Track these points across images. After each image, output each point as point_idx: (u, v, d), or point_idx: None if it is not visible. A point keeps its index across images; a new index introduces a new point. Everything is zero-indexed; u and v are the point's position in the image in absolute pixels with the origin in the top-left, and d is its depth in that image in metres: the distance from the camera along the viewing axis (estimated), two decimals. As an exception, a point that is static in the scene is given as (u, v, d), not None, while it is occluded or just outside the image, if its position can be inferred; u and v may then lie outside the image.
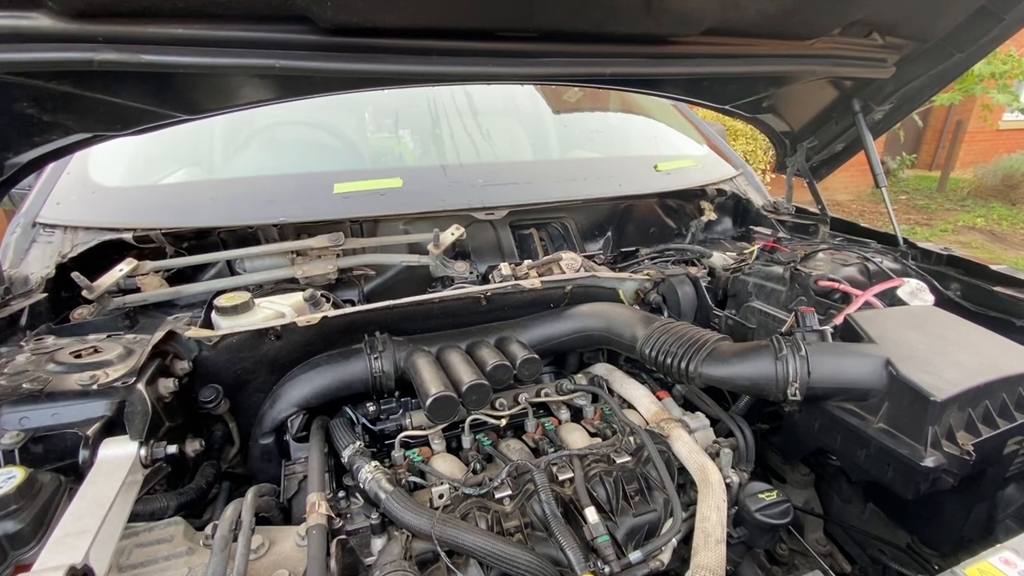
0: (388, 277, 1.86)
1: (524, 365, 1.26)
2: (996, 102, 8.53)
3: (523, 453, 1.21)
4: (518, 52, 1.22)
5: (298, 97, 1.30)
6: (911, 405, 0.99)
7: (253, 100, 1.29)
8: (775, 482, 1.66)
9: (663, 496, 1.12)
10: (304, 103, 2.02)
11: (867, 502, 1.50)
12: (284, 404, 1.25)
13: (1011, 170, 9.45)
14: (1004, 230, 8.24)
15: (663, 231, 2.24)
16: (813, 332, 1.15)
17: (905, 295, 1.38)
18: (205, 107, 1.26)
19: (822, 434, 1.17)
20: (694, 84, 1.63)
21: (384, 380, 1.28)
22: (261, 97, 1.28)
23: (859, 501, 1.52)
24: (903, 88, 1.77)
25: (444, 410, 1.10)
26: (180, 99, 1.23)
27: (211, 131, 1.97)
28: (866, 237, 1.94)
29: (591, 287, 1.56)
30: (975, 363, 1.04)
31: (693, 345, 1.18)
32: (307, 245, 1.63)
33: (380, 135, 2.10)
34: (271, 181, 1.76)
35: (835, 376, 1.06)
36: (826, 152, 2.08)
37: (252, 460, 1.29)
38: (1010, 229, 8.30)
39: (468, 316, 1.46)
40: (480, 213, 1.81)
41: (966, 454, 0.94)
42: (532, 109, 2.45)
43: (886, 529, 1.44)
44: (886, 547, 1.40)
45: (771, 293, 1.65)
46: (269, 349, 1.30)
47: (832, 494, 1.59)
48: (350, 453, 1.13)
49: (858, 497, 1.52)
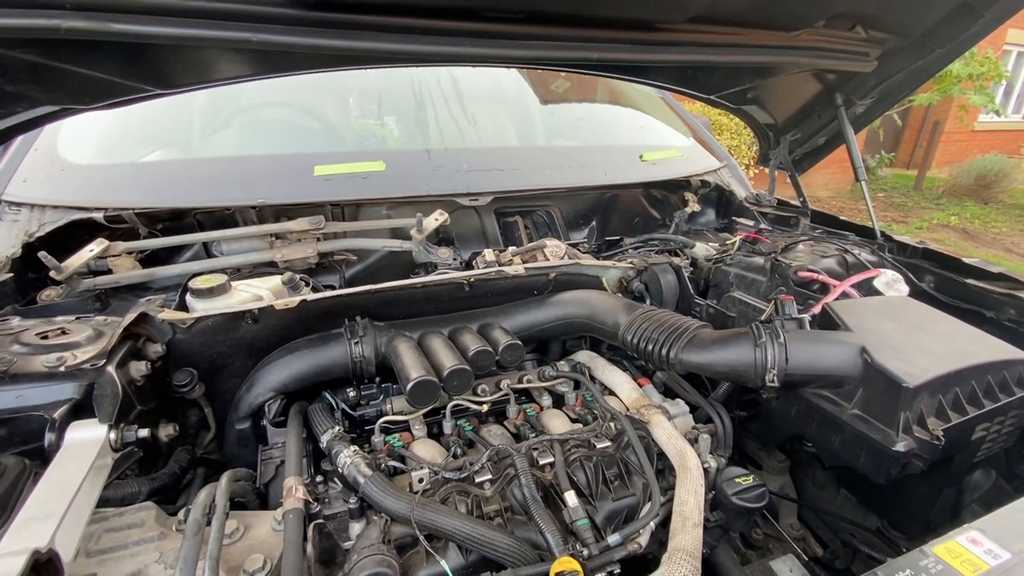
0: (371, 262, 1.84)
1: (506, 351, 1.26)
2: (972, 103, 8.74)
3: (504, 438, 1.21)
4: (503, 33, 1.20)
5: (277, 74, 1.26)
6: (884, 391, 1.01)
7: (229, 76, 1.25)
8: (751, 468, 1.69)
9: (642, 481, 1.13)
10: (286, 83, 1.98)
11: (839, 488, 1.54)
12: (261, 388, 1.22)
13: (984, 170, 9.71)
14: (976, 228, 8.48)
15: (647, 221, 2.25)
16: (792, 320, 1.17)
17: (881, 285, 1.41)
18: (179, 82, 1.22)
19: (798, 420, 1.19)
20: (680, 72, 1.63)
21: (364, 365, 1.26)
22: (237, 73, 1.24)
23: (832, 487, 1.56)
24: (884, 83, 1.79)
25: (425, 395, 1.09)
26: (153, 72, 1.18)
27: (188, 109, 1.91)
28: (845, 230, 1.98)
29: (575, 275, 1.55)
30: (946, 351, 1.07)
31: (674, 332, 1.19)
32: (286, 228, 1.59)
33: (363, 118, 2.06)
34: (250, 162, 1.72)
35: (812, 363, 1.07)
36: (809, 145, 2.10)
37: (228, 445, 1.27)
38: (982, 227, 8.55)
39: (451, 302, 1.45)
40: (464, 199, 1.79)
41: (936, 439, 0.97)
42: (519, 96, 2.43)
43: (857, 513, 1.48)
44: (857, 531, 1.44)
45: (752, 283, 1.67)
46: (246, 333, 1.27)
47: (806, 480, 1.63)
48: (329, 438, 1.11)
49: (831, 483, 1.55)
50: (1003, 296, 1.39)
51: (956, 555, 0.66)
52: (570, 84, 2.62)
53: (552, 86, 2.60)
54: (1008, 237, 8.12)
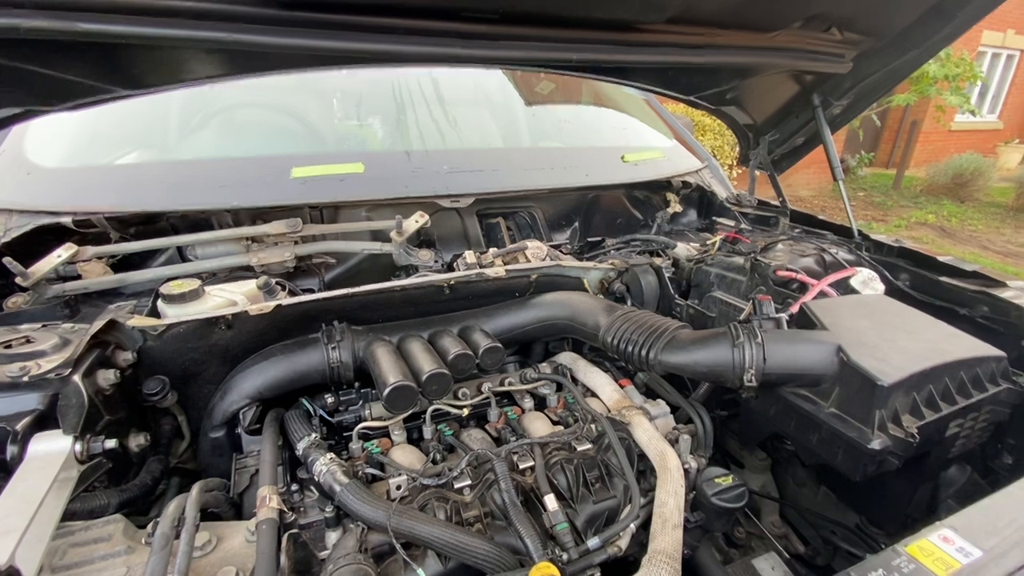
0: (350, 265, 1.81)
1: (487, 354, 1.24)
2: (949, 103, 8.92)
3: (485, 443, 1.19)
4: (480, 34, 1.20)
5: (251, 74, 1.23)
6: (860, 390, 1.02)
7: (201, 76, 1.22)
8: (733, 467, 1.70)
9: (623, 483, 1.12)
10: (263, 84, 1.95)
11: (820, 485, 1.55)
12: (235, 396, 1.20)
13: (961, 169, 9.93)
14: (953, 226, 8.66)
15: (629, 222, 2.25)
16: (769, 320, 1.17)
17: (857, 284, 1.43)
18: (149, 82, 1.19)
19: (777, 419, 1.20)
20: (660, 73, 1.63)
21: (342, 371, 1.24)
22: (210, 73, 1.22)
23: (812, 484, 1.57)
24: (860, 84, 1.81)
25: (402, 400, 1.08)
26: (121, 73, 1.15)
27: (162, 110, 1.87)
28: (823, 229, 2.00)
29: (556, 276, 1.55)
30: (920, 349, 1.08)
31: (653, 333, 1.19)
32: (262, 231, 1.57)
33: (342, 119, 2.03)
34: (225, 164, 1.69)
35: (789, 362, 1.08)
36: (787, 145, 2.12)
37: (202, 454, 1.24)
38: (959, 225, 8.73)
39: (431, 305, 1.44)
40: (445, 200, 1.78)
41: (910, 436, 0.98)
42: (501, 97, 2.42)
43: (837, 510, 1.49)
44: (837, 528, 1.45)
45: (732, 283, 1.68)
46: (220, 339, 1.24)
47: (787, 478, 1.64)
48: (305, 445, 1.09)
49: (811, 480, 1.57)
50: (976, 294, 1.41)
51: (928, 553, 0.67)
52: (555, 86, 2.62)
53: (537, 88, 2.60)
54: (984, 234, 8.31)
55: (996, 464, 1.31)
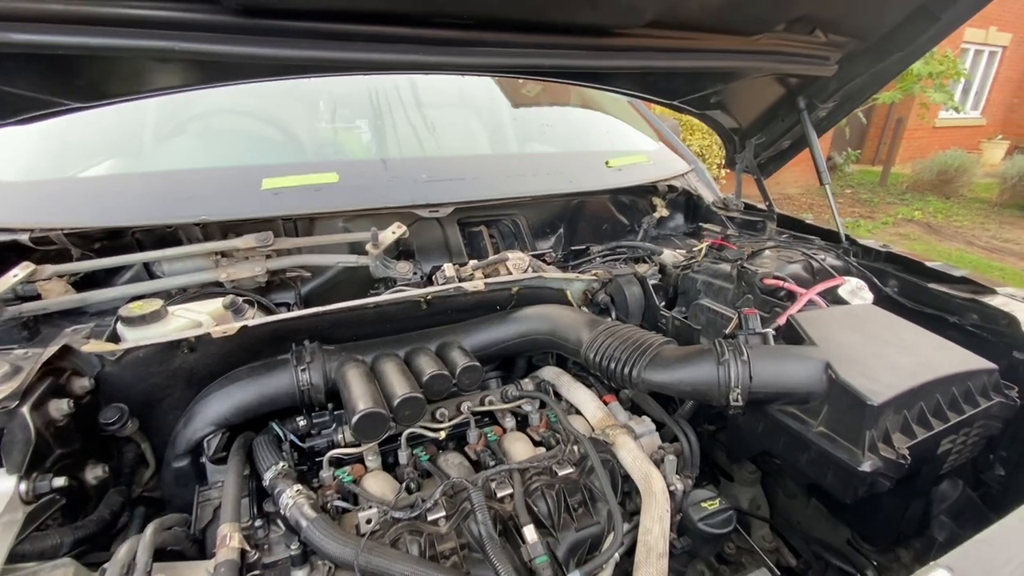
0: (328, 278, 1.75)
1: (464, 374, 1.19)
2: (933, 101, 9.00)
3: (462, 468, 1.14)
4: (451, 40, 1.14)
5: (209, 85, 1.17)
6: (849, 409, 0.98)
7: (159, 88, 1.16)
8: (723, 481, 1.66)
9: (607, 507, 1.08)
10: (230, 93, 1.88)
11: (810, 498, 1.51)
12: (199, 423, 1.14)
13: (945, 166, 10.01)
14: (939, 222, 8.73)
15: (615, 228, 2.21)
16: (756, 335, 1.13)
17: (846, 294, 1.39)
18: (99, 95, 1.12)
19: (765, 437, 1.16)
20: (641, 78, 1.59)
21: (313, 393, 1.19)
22: (168, 84, 1.16)
23: (803, 497, 1.54)
24: (845, 86, 1.78)
25: (372, 428, 1.02)
26: (68, 85, 1.09)
27: (126, 120, 1.80)
28: (810, 234, 1.97)
29: (538, 288, 1.50)
30: (911, 364, 1.05)
31: (636, 350, 1.14)
32: (231, 245, 1.50)
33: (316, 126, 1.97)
34: (191, 175, 1.62)
35: (776, 381, 1.04)
36: (774, 149, 2.09)
37: (165, 485, 1.18)
38: (944, 221, 8.81)
39: (408, 321, 1.38)
40: (424, 210, 1.72)
41: (901, 458, 0.94)
42: (482, 102, 2.37)
43: (828, 524, 1.46)
44: (827, 543, 1.41)
45: (719, 291, 1.64)
46: (183, 363, 1.18)
47: (777, 490, 1.61)
48: (272, 475, 1.04)
49: (802, 493, 1.53)
50: (966, 301, 1.39)
51: (923, 595, 0.63)
52: (541, 88, 2.57)
53: (523, 90, 2.54)
54: (969, 230, 8.38)
55: (988, 477, 1.29)
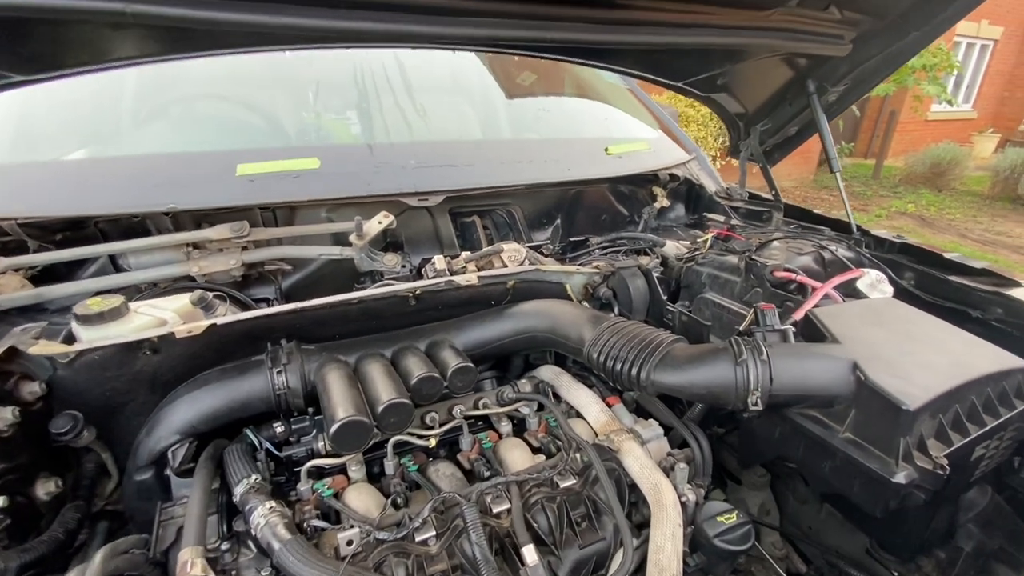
0: (310, 271, 1.64)
1: (456, 375, 1.09)
2: (927, 93, 8.97)
3: (454, 480, 1.05)
4: (441, 8, 1.03)
5: (170, 57, 1.05)
6: (880, 414, 0.89)
7: (110, 59, 1.04)
8: (730, 484, 1.58)
9: (613, 521, 0.99)
10: (201, 69, 1.75)
11: (823, 503, 1.43)
12: (163, 432, 1.03)
13: (938, 159, 10.02)
14: (932, 215, 8.74)
15: (614, 218, 2.11)
16: (774, 332, 1.04)
17: (864, 287, 1.30)
18: (46, 66, 1.00)
19: (783, 443, 1.07)
20: (647, 56, 1.49)
21: (290, 398, 1.08)
22: (121, 55, 1.04)
23: (815, 502, 1.46)
24: (857, 68, 1.69)
25: (353, 439, 0.92)
26: (11, 55, 0.97)
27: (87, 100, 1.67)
28: (820, 224, 1.88)
29: (535, 282, 1.40)
30: (944, 364, 0.96)
31: (645, 349, 1.04)
32: (204, 236, 1.39)
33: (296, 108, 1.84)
34: (159, 161, 1.49)
35: (799, 382, 0.95)
36: (780, 135, 2.00)
37: (127, 499, 1.07)
38: (937, 214, 8.81)
39: (396, 318, 1.28)
40: (413, 199, 1.61)
41: (940, 468, 0.85)
42: (474, 84, 2.25)
43: (843, 531, 1.38)
44: (843, 551, 1.34)
45: (725, 284, 1.55)
46: (145, 365, 1.07)
47: (787, 494, 1.53)
48: (243, 490, 0.93)
49: (814, 498, 1.45)
50: (990, 294, 1.31)
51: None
52: (536, 76, 2.46)
53: (518, 79, 2.43)
54: (962, 223, 8.39)
55: (1012, 480, 1.21)
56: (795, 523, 1.50)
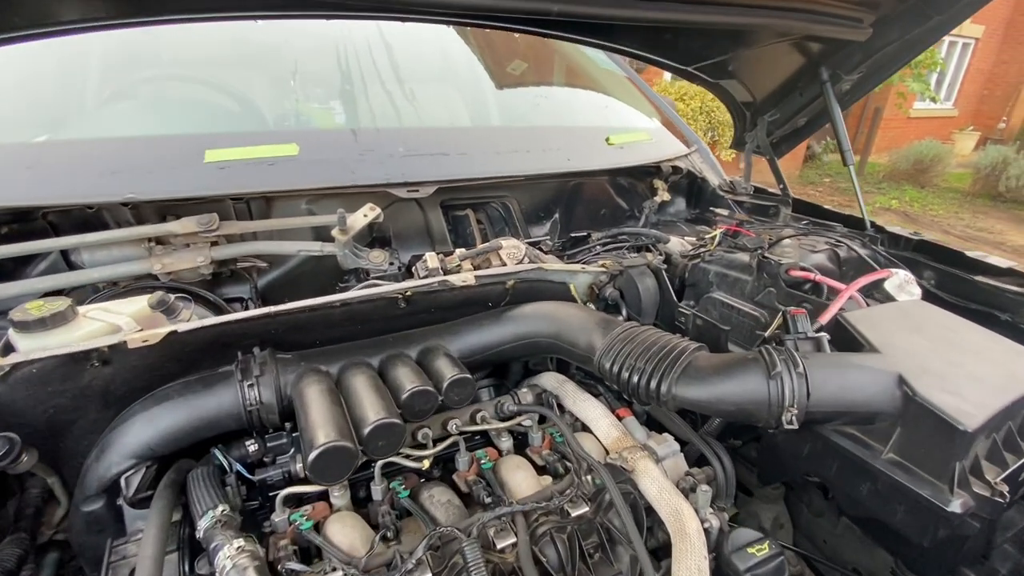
0: (289, 268, 1.51)
1: (452, 388, 0.97)
2: (911, 90, 9.03)
3: (451, 508, 0.93)
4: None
5: (125, 21, 0.91)
6: (932, 434, 0.80)
7: (54, 22, 0.89)
8: (740, 496, 1.49)
9: (629, 552, 0.88)
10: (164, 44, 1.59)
11: (840, 516, 1.35)
12: (116, 455, 0.89)
13: (921, 155, 10.13)
14: (915, 211, 8.82)
15: (615, 213, 2.00)
16: (807, 340, 0.94)
17: (893, 288, 1.22)
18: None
19: (812, 461, 0.98)
20: (655, 36, 1.38)
21: (264, 413, 0.95)
22: (66, 18, 0.89)
23: (832, 515, 1.37)
24: (874, 55, 1.60)
25: (335, 468, 0.80)
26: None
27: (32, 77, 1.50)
28: (831, 220, 1.80)
29: (537, 281, 1.28)
30: (995, 376, 0.87)
31: (664, 359, 0.94)
32: (167, 230, 1.24)
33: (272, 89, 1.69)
34: (116, 146, 1.34)
35: (839, 397, 0.85)
36: (788, 127, 1.91)
37: (74, 533, 0.94)
38: (920, 210, 8.90)
39: (384, 322, 1.15)
40: (401, 190, 1.48)
41: (999, 495, 0.76)
42: (466, 69, 2.12)
43: (862, 548, 1.29)
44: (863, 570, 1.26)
45: (735, 283, 1.46)
46: (94, 379, 0.93)
47: (801, 506, 1.44)
48: (207, 525, 0.81)
49: (831, 511, 1.37)
50: (1021, 296, 1.23)
51: None
52: (527, 65, 2.33)
53: (508, 68, 2.30)
54: (944, 219, 8.49)
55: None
56: (809, 537, 1.42)
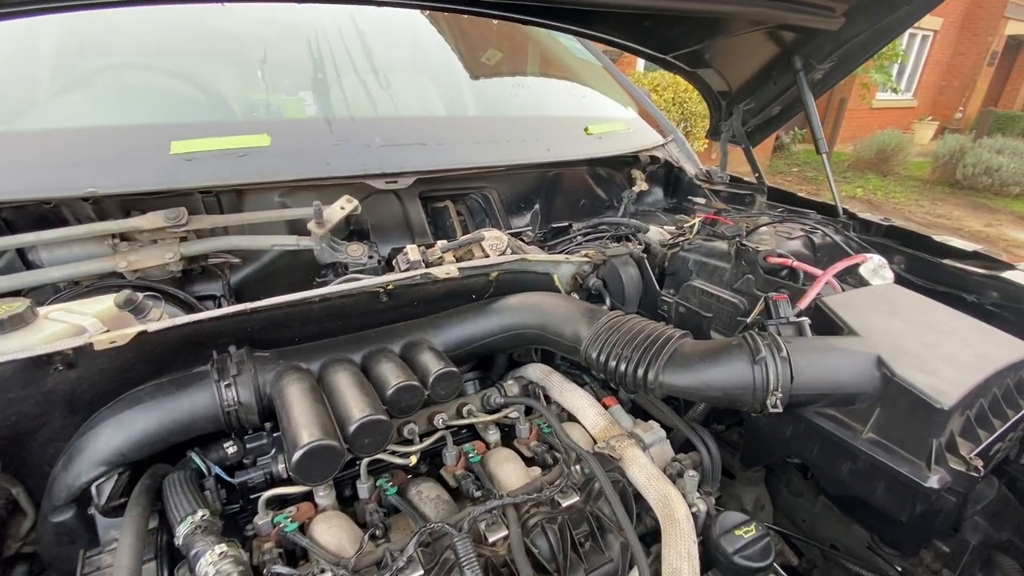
0: (263, 263, 1.46)
1: (439, 382, 0.96)
2: (874, 81, 9.31)
3: (440, 503, 0.92)
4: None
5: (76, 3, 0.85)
6: (910, 413, 0.82)
7: None
8: (724, 480, 1.52)
9: (620, 540, 0.89)
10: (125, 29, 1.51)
11: (819, 495, 1.39)
12: (85, 463, 0.85)
13: (883, 145, 10.46)
14: (879, 199, 9.13)
15: (594, 203, 2.00)
16: (788, 324, 0.96)
17: (867, 273, 1.25)
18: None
19: (794, 443, 1.00)
20: (633, 23, 1.37)
21: (242, 414, 0.92)
22: None
23: (810, 494, 1.41)
24: (845, 45, 1.63)
25: (320, 467, 0.78)
26: None
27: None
28: (805, 207, 1.83)
29: (520, 273, 1.27)
30: (966, 356, 0.90)
31: (651, 347, 0.94)
32: (132, 226, 1.18)
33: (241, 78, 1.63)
34: (76, 136, 1.27)
35: (822, 381, 0.87)
36: (763, 115, 1.93)
37: (43, 545, 0.89)
38: (884, 198, 9.21)
39: (365, 316, 1.12)
40: (379, 181, 1.44)
41: (974, 470, 0.79)
42: (439, 57, 2.07)
43: (839, 525, 1.33)
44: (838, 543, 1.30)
45: (714, 271, 1.47)
46: (59, 383, 0.88)
47: (780, 486, 1.48)
48: (186, 531, 0.77)
49: (809, 491, 1.41)
50: (986, 278, 1.27)
51: None
52: (502, 55, 2.30)
53: (483, 58, 2.27)
54: (906, 207, 8.80)
55: (1012, 467, 1.19)
56: (789, 516, 1.46)
